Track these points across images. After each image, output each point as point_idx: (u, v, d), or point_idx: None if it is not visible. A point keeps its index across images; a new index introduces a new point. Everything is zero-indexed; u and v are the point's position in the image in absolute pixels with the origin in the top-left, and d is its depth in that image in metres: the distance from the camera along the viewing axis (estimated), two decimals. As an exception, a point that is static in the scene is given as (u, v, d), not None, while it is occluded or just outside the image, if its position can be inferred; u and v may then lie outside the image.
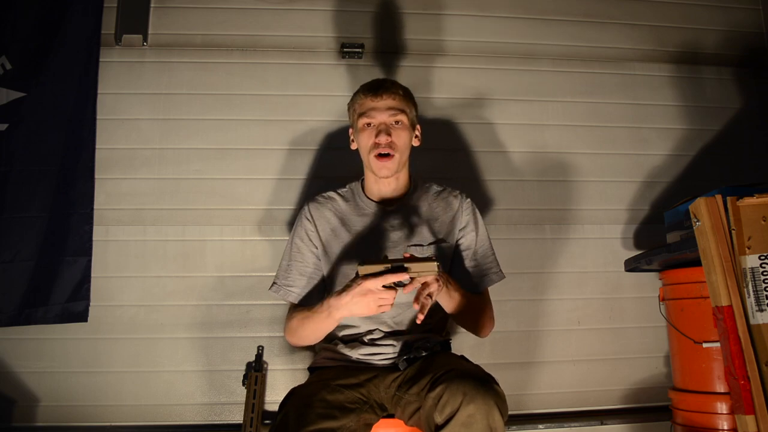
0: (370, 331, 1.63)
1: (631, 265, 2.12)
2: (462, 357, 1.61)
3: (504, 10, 2.41)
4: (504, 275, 1.76)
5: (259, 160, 2.21)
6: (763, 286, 1.60)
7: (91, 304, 2.05)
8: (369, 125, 1.68)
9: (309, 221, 1.73)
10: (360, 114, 1.69)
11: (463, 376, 1.31)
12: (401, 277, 1.39)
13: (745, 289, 1.61)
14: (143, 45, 2.25)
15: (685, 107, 2.42)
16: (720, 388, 1.77)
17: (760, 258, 1.61)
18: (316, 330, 1.58)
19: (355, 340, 1.64)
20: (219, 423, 2.06)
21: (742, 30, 2.51)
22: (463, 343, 2.03)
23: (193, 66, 2.25)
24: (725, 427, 1.74)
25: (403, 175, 1.76)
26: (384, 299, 1.41)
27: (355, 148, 1.77)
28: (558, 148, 2.33)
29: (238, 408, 2.05)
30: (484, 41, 2.38)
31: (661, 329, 2.15)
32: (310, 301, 1.64)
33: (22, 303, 2.00)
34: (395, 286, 1.41)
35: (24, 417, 2.00)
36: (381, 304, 1.41)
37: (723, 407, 1.76)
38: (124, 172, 2.16)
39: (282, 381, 2.08)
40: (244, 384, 2.04)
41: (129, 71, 2.23)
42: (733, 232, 1.62)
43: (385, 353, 1.60)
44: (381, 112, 1.66)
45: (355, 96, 1.74)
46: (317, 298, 1.62)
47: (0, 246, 2.02)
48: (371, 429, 1.46)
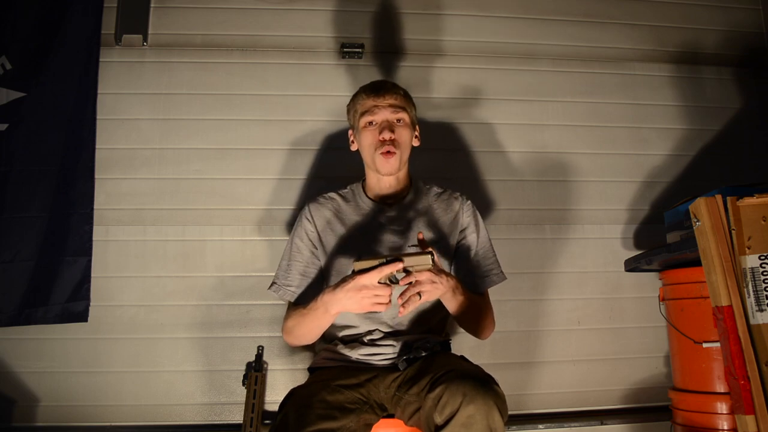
0: (369, 332, 1.63)
1: (631, 265, 2.12)
2: (462, 357, 1.61)
3: (504, 10, 2.41)
4: (505, 276, 1.76)
5: (259, 160, 2.21)
6: (763, 286, 1.60)
7: (91, 304, 2.05)
8: (372, 123, 1.69)
9: (309, 221, 1.73)
10: (362, 113, 1.70)
11: (463, 376, 1.30)
12: (396, 267, 1.39)
13: (745, 289, 1.61)
14: (143, 45, 2.25)
15: (685, 107, 2.42)
16: (720, 388, 1.77)
17: (760, 258, 1.61)
18: (312, 328, 1.58)
19: (355, 340, 1.64)
20: (219, 423, 2.06)
21: (742, 30, 2.51)
22: (463, 344, 2.03)
23: (193, 66, 2.25)
24: (725, 427, 1.74)
25: (403, 175, 1.76)
26: (379, 296, 1.40)
27: (355, 149, 1.78)
28: (558, 148, 2.33)
29: (238, 408, 2.05)
30: (483, 41, 2.38)
31: (661, 329, 2.15)
32: (308, 301, 1.64)
33: (22, 303, 2.00)
34: (390, 282, 1.41)
35: (24, 417, 2.00)
36: (376, 301, 1.41)
37: (723, 407, 1.76)
38: (124, 172, 2.16)
39: (282, 381, 2.08)
40: (244, 384, 2.04)
41: (129, 71, 2.23)
42: (733, 232, 1.62)
43: (385, 353, 1.60)
44: (383, 109, 1.67)
45: (356, 97, 1.75)
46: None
47: (0, 246, 2.02)
48: (371, 429, 1.46)
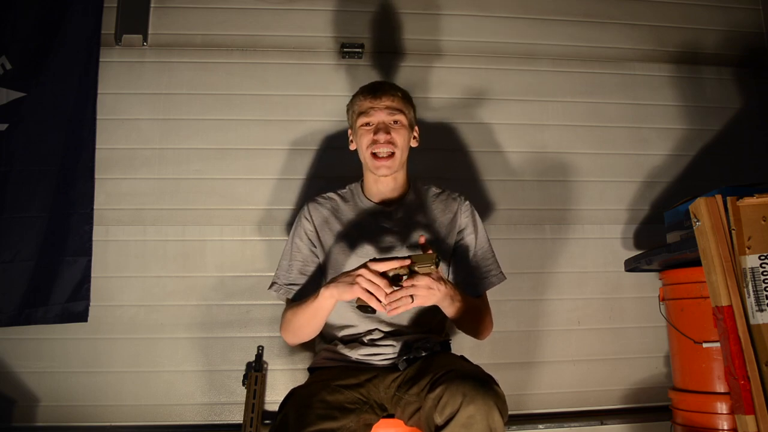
0: (369, 332, 1.63)
1: (631, 265, 2.12)
2: (462, 357, 1.61)
3: (504, 10, 2.41)
4: (505, 277, 1.75)
5: (259, 160, 2.21)
6: (763, 286, 1.59)
7: (91, 304, 2.05)
8: (368, 124, 1.70)
9: (308, 221, 1.74)
10: (359, 114, 1.70)
11: (463, 376, 1.30)
12: (405, 263, 1.42)
13: (745, 289, 1.61)
14: (143, 45, 2.25)
15: (685, 107, 2.42)
16: (720, 388, 1.77)
17: (760, 258, 1.61)
18: (308, 318, 1.55)
19: (355, 340, 1.64)
20: (219, 423, 2.06)
21: (742, 30, 2.51)
22: (463, 344, 2.02)
23: (193, 66, 2.25)
24: (725, 427, 1.74)
25: (402, 175, 1.77)
26: (375, 286, 1.39)
27: (354, 148, 1.78)
28: (558, 148, 2.33)
29: (238, 408, 2.05)
30: (483, 41, 2.38)
31: (661, 329, 2.15)
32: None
33: (22, 303, 2.00)
34: (392, 281, 1.42)
35: (24, 417, 2.00)
36: (370, 288, 1.39)
37: (723, 407, 1.76)
38: (124, 172, 2.16)
39: (282, 381, 2.08)
40: (244, 384, 2.04)
41: (129, 71, 2.23)
42: (733, 232, 1.62)
43: (385, 353, 1.60)
44: (379, 111, 1.68)
45: (354, 97, 1.76)
46: None
47: (0, 246, 2.02)
48: (371, 429, 1.46)
